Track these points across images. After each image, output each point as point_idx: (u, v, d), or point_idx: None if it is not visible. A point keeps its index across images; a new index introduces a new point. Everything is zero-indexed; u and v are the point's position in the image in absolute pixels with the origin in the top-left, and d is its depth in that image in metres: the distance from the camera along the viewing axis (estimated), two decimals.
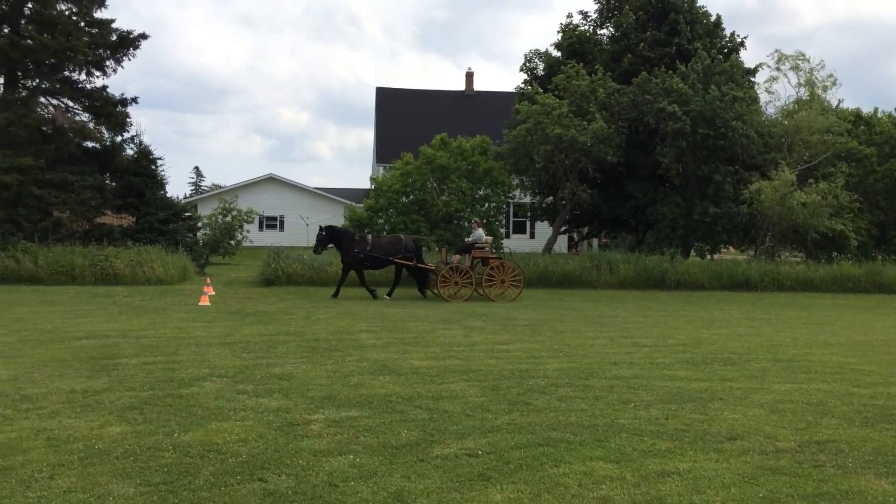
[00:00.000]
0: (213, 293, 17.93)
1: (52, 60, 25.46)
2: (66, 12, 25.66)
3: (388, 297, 18.46)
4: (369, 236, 19.62)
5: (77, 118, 25.63)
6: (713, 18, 32.03)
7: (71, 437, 5.72)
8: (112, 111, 26.04)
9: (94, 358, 9.22)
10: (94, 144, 25.92)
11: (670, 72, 27.85)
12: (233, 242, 32.45)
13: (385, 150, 40.14)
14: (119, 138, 26.38)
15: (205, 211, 36.87)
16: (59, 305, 15.74)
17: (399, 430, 6.14)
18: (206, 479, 4.92)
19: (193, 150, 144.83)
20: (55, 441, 5.63)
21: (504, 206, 30.34)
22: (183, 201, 39.37)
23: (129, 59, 26.42)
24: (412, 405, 7.06)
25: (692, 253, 30.03)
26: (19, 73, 25.45)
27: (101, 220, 25.48)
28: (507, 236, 32.83)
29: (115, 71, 26.39)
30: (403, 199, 25.72)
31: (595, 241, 39.94)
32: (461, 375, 8.59)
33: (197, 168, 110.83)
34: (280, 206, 44.21)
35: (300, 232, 41.77)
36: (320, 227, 19.46)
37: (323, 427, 6.21)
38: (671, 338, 12.37)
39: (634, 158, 28.49)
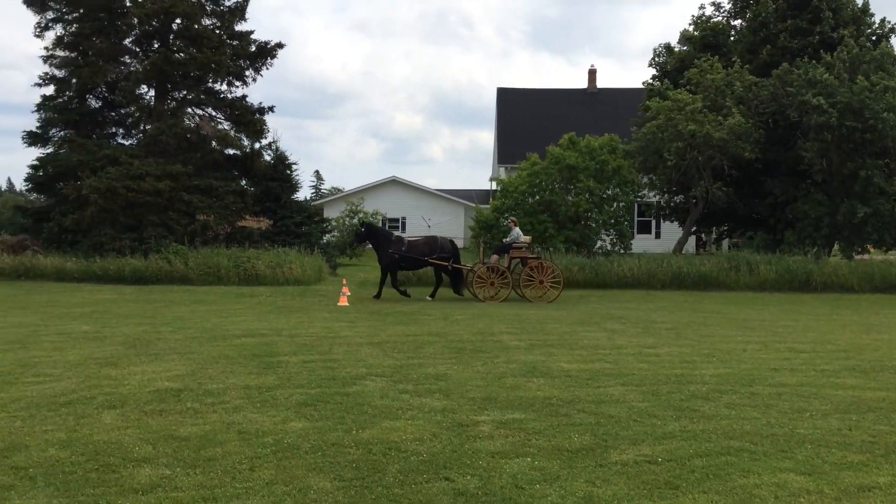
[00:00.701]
0: (349, 293, 18.48)
1: (197, 73, 27.02)
2: (210, 26, 27.14)
3: (429, 298, 18.36)
4: (406, 237, 19.64)
5: (220, 127, 27.05)
6: (860, 4, 30.10)
7: (259, 431, 6.03)
8: (251, 119, 27.34)
9: (256, 355, 9.68)
10: (234, 151, 27.30)
11: (813, 62, 26.39)
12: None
13: (507, 150, 40.13)
14: (257, 145, 27.67)
15: (330, 213, 38.12)
16: (211, 305, 16.66)
17: (569, 434, 6.10)
18: (394, 476, 5.06)
19: (312, 155, 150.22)
20: (246, 434, 5.94)
21: (632, 206, 29.68)
22: (314, 204, 40.78)
23: (267, 69, 27.68)
24: (575, 409, 7.00)
25: (833, 252, 28.36)
26: (169, 86, 27.15)
27: (242, 224, 26.78)
28: (633, 236, 32.06)
29: (254, 80, 27.74)
30: (530, 199, 25.63)
31: (725, 242, 38.43)
32: (615, 379, 8.45)
33: (317, 172, 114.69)
34: (402, 207, 45.02)
35: (422, 233, 42.44)
36: (360, 223, 18.90)
37: (492, 428, 6.26)
38: (829, 343, 11.71)
39: (773, 154, 27.17)
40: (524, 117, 42.53)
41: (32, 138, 27.71)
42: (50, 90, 28.03)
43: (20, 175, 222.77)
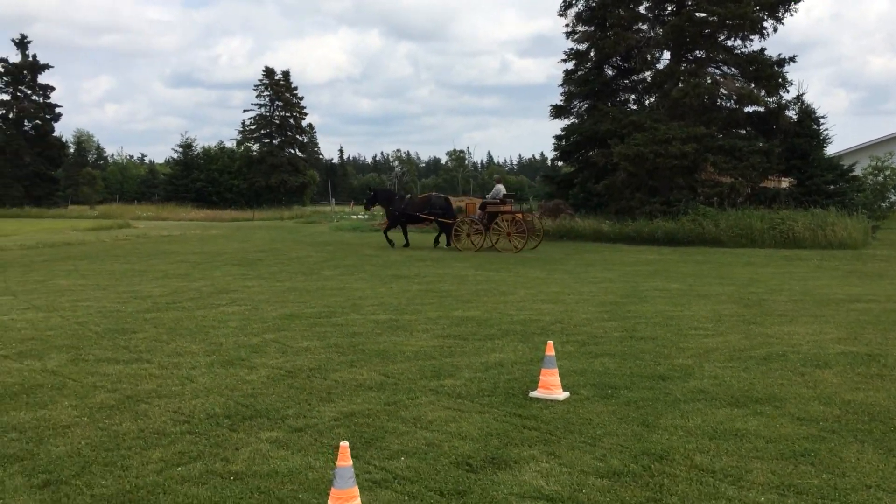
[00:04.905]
0: None
1: (709, 30, 26.45)
2: None
3: (435, 245, 21.56)
4: (408, 196, 22.66)
5: (737, 84, 26.16)
6: None
7: None
8: (771, 73, 25.86)
9: None
10: (755, 108, 26.16)
11: None
12: (884, 204, 29.64)
13: None
14: (780, 100, 26.06)
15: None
16: (765, 267, 16.18)
17: None
18: None
19: None
20: None
21: None
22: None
23: (791, 15, 25.81)
24: None
25: None
26: (683, 48, 27.11)
27: (763, 184, 25.64)
28: None
29: (775, 30, 26.09)
30: None
31: None
32: None
33: None
34: None
35: None
36: (368, 188, 24.21)
37: None
38: None
39: None
40: None
41: (557, 111, 30.32)
42: (570, 65, 30.37)
43: (495, 147, 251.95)
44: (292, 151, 70.56)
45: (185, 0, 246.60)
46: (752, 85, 26.19)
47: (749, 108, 26.31)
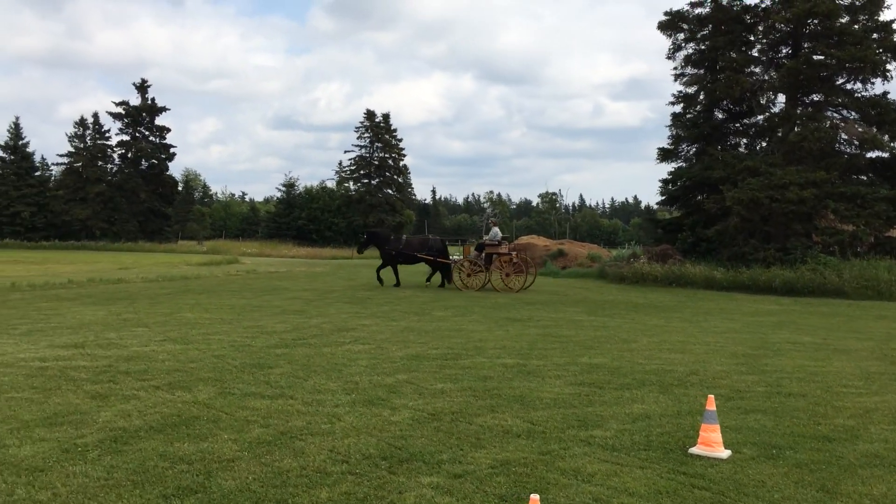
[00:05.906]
0: None
1: (826, 73, 25.54)
2: (847, 22, 25.37)
3: (427, 283, 22.45)
4: (404, 237, 22.79)
5: (858, 128, 25.07)
6: None
7: None
8: (895, 117, 24.68)
9: None
10: (878, 154, 24.99)
11: None
12: None
13: None
14: None
15: None
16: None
17: None
18: None
19: None
20: None
21: None
22: None
23: None
24: None
25: None
26: (799, 91, 26.26)
27: (888, 233, 24.31)
28: None
29: None
30: None
31: None
32: None
33: None
34: None
35: None
36: (361, 232, 24.66)
37: None
38: None
39: None
40: None
41: (664, 154, 29.81)
42: (678, 108, 29.95)
43: (587, 190, 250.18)
44: (389, 191, 71.95)
45: (288, 47, 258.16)
46: (875, 129, 25.05)
47: (871, 154, 25.16)
